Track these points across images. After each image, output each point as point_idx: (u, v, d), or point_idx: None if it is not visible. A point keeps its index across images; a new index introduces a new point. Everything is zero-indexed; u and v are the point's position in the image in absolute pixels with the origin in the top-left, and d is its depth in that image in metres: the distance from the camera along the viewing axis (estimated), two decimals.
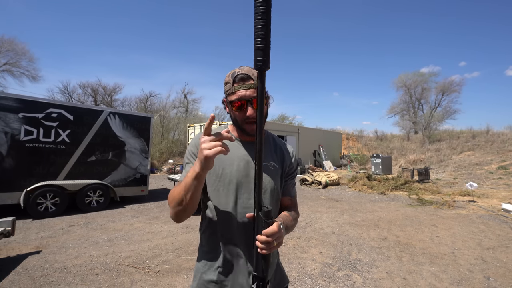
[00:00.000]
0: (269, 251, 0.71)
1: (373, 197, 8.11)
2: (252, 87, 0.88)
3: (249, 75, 0.89)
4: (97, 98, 28.73)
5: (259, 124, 0.69)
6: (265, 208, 0.71)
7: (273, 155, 1.03)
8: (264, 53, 0.63)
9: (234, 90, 0.89)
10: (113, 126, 6.37)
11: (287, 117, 30.76)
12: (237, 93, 0.89)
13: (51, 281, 2.76)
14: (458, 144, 18.21)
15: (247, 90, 0.88)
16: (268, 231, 0.71)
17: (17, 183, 5.09)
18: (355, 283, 2.82)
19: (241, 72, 0.89)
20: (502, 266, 3.26)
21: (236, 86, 0.89)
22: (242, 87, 0.88)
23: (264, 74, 0.66)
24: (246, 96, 0.88)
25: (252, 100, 0.88)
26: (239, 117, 0.92)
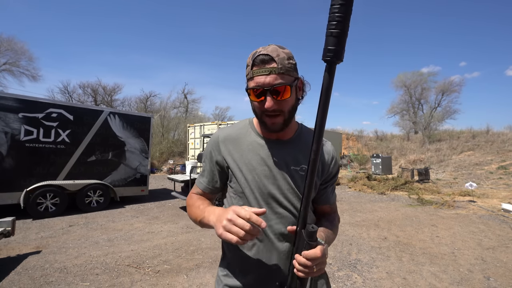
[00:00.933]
0: (307, 276, 0.63)
1: (373, 197, 8.11)
2: (273, 71, 0.72)
3: (271, 56, 0.72)
4: (97, 98, 28.73)
5: (318, 128, 0.56)
6: (310, 228, 0.61)
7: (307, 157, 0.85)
8: (338, 41, 0.50)
9: (252, 75, 0.74)
10: (113, 126, 6.37)
11: None
12: (255, 79, 0.74)
13: (51, 281, 2.76)
14: (458, 144, 18.21)
15: (267, 76, 0.72)
16: (309, 254, 0.61)
17: (17, 183, 5.09)
18: (355, 283, 2.82)
19: (263, 52, 0.73)
20: (502, 266, 3.26)
21: (255, 70, 0.73)
22: (262, 71, 0.72)
23: (335, 68, 0.53)
24: (265, 84, 0.72)
25: (272, 89, 0.73)
26: (258, 108, 0.78)
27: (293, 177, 0.82)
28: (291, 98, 0.77)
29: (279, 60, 0.72)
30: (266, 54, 0.72)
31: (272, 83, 0.72)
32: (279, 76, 0.72)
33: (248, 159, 0.83)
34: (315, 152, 0.58)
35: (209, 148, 0.90)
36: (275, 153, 0.84)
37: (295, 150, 0.85)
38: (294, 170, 0.83)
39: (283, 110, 0.76)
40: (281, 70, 0.72)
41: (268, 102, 0.74)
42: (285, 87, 0.73)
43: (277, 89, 0.73)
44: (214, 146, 0.89)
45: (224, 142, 0.87)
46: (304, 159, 0.84)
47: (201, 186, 0.92)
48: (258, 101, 0.75)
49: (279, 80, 0.72)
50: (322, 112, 0.55)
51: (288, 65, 0.74)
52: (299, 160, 0.84)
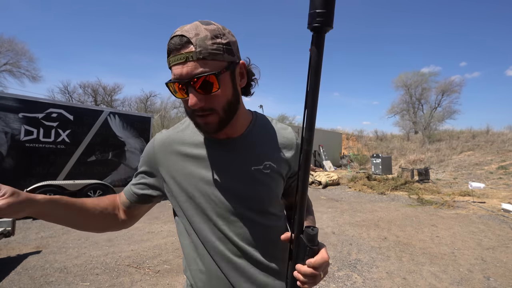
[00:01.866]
0: (313, 285, 0.54)
1: (373, 197, 8.11)
2: (190, 58, 0.54)
3: (188, 37, 0.54)
4: (97, 98, 28.74)
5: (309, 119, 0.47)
6: (311, 231, 0.53)
7: (269, 151, 0.71)
8: (325, 3, 0.41)
9: (170, 65, 0.58)
10: (113, 126, 6.37)
11: (287, 117, 30.85)
12: (173, 70, 0.57)
13: (51, 281, 2.76)
14: (458, 144, 18.20)
15: (184, 65, 0.55)
16: (317, 260, 0.52)
17: (17, 183, 5.09)
18: (355, 283, 2.82)
19: (178, 32, 0.56)
20: (502, 266, 3.26)
21: (171, 58, 0.57)
22: (177, 59, 0.55)
23: (324, 37, 0.44)
24: (182, 76, 0.55)
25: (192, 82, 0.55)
26: (185, 106, 0.61)
27: (255, 179, 0.67)
28: (224, 90, 0.59)
29: (197, 41, 0.54)
30: (180, 35, 0.55)
31: (191, 74, 0.55)
32: (200, 63, 0.54)
33: (191, 165, 0.67)
34: (308, 142, 0.48)
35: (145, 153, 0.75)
36: (231, 154, 0.67)
37: (253, 147, 0.69)
38: (256, 170, 0.67)
39: (214, 107, 0.59)
40: (201, 55, 0.54)
41: (190, 99, 0.56)
42: (209, 77, 0.55)
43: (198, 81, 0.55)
44: (148, 151, 0.73)
45: (158, 147, 0.71)
46: (266, 154, 0.70)
47: (127, 193, 0.75)
48: (184, 98, 0.59)
49: (199, 69, 0.54)
50: (312, 93, 0.46)
51: (213, 46, 0.55)
52: (260, 157, 0.69)
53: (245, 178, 0.67)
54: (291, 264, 0.56)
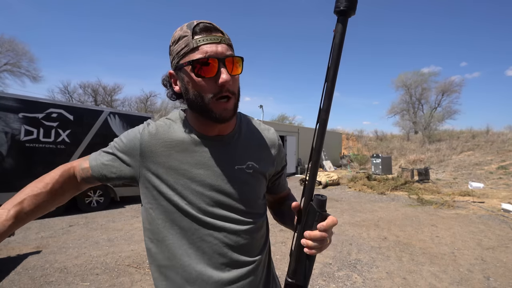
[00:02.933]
0: (320, 251, 0.56)
1: (373, 197, 8.11)
2: (223, 41, 0.59)
3: (215, 25, 0.60)
4: (97, 98, 28.73)
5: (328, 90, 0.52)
6: (320, 197, 0.55)
7: (255, 152, 0.72)
8: None
9: (197, 44, 0.57)
10: (113, 126, 6.37)
11: (287, 117, 30.83)
12: (202, 48, 0.57)
13: (51, 281, 2.76)
14: (458, 144, 18.20)
15: (218, 45, 0.58)
16: (328, 223, 0.54)
17: (17, 183, 5.09)
18: (355, 283, 2.82)
19: (203, 21, 0.59)
20: (502, 266, 3.26)
21: (200, 38, 0.57)
22: (210, 38, 0.57)
23: (347, 20, 0.50)
24: (218, 53, 0.57)
25: (225, 61, 0.58)
26: (206, 89, 0.59)
27: (239, 179, 0.68)
28: (239, 78, 0.64)
29: (223, 31, 0.61)
30: (209, 23, 0.59)
31: (225, 53, 0.58)
32: (229, 48, 0.60)
33: (181, 164, 0.65)
34: (325, 111, 0.53)
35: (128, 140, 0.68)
36: (218, 152, 0.67)
37: (239, 146, 0.70)
38: (239, 169, 0.68)
39: (235, 91, 0.62)
40: (229, 41, 0.61)
41: (224, 75, 0.57)
42: (239, 59, 0.61)
43: (231, 61, 0.59)
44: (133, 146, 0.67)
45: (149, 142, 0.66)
46: (249, 154, 0.71)
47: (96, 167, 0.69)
48: (207, 78, 0.58)
49: (229, 52, 0.60)
50: (334, 69, 0.51)
51: (230, 40, 0.63)
52: (243, 156, 0.70)
53: (229, 176, 0.67)
54: (299, 231, 0.57)
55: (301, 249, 0.56)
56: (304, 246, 0.55)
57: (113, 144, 0.71)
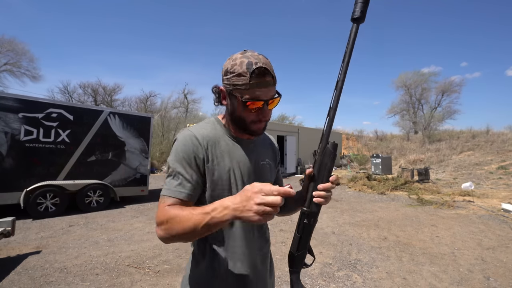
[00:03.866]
0: (327, 202, 0.72)
1: (373, 197, 8.11)
2: (271, 84, 0.76)
3: (268, 69, 0.75)
4: (97, 98, 28.74)
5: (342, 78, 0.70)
6: (333, 142, 0.72)
7: (267, 152, 0.97)
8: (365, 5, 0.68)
9: (251, 87, 0.74)
10: (113, 126, 6.36)
11: (287, 117, 30.81)
12: (255, 91, 0.74)
13: (51, 281, 2.76)
14: (458, 144, 18.21)
15: (267, 90, 0.75)
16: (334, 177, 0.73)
17: (17, 183, 5.09)
18: (355, 283, 2.82)
19: (260, 64, 0.73)
20: (502, 266, 3.26)
21: (255, 83, 0.73)
22: (263, 84, 0.74)
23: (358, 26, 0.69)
24: (267, 97, 0.76)
25: (269, 102, 0.77)
26: (250, 116, 0.79)
27: (264, 171, 0.92)
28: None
29: (272, 72, 0.76)
30: (264, 67, 0.74)
31: (272, 96, 0.77)
32: (274, 88, 0.78)
33: (230, 160, 0.84)
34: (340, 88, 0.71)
35: (186, 149, 0.79)
36: (250, 151, 0.89)
37: (259, 147, 0.94)
38: (262, 164, 0.92)
39: (269, 118, 0.83)
40: (275, 83, 0.78)
41: (267, 113, 0.79)
42: (278, 98, 0.80)
43: (273, 101, 0.79)
44: (193, 147, 0.79)
45: (203, 143, 0.81)
46: (265, 153, 0.96)
47: (181, 194, 0.76)
48: (254, 111, 0.78)
49: (274, 92, 0.78)
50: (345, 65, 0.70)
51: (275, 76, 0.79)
52: (263, 155, 0.94)
53: (257, 168, 0.90)
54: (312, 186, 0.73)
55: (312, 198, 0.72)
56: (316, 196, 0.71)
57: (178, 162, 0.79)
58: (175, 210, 0.71)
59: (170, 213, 0.70)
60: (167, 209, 0.72)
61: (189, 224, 0.66)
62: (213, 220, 0.63)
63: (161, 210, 0.73)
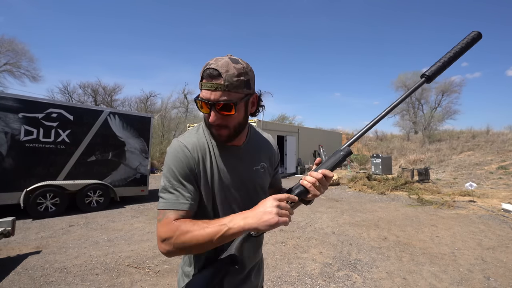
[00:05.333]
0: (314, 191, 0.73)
1: (373, 197, 8.11)
2: (219, 88, 0.72)
3: (220, 72, 0.72)
4: (97, 98, 28.74)
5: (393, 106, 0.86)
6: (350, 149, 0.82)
7: (262, 155, 0.95)
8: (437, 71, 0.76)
9: (201, 88, 0.76)
10: (113, 126, 6.37)
11: (287, 117, 30.78)
12: (203, 92, 0.75)
13: (51, 281, 2.76)
14: (458, 144, 18.20)
15: (213, 92, 0.73)
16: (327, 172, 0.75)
17: (17, 183, 5.09)
18: (355, 283, 2.82)
19: (213, 66, 0.73)
20: (502, 266, 3.26)
21: (203, 84, 0.74)
22: (209, 86, 0.73)
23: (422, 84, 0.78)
24: (210, 99, 0.74)
25: (215, 105, 0.74)
26: (205, 118, 0.81)
27: (257, 176, 0.91)
28: (238, 115, 0.79)
29: (227, 76, 0.72)
30: (215, 69, 0.72)
31: (217, 99, 0.73)
32: (225, 94, 0.73)
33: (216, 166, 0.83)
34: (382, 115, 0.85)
35: (178, 161, 0.79)
36: (240, 157, 0.88)
37: (252, 151, 0.92)
38: (256, 169, 0.91)
39: (228, 125, 0.79)
40: (227, 88, 0.73)
41: (211, 117, 0.76)
42: (229, 104, 0.74)
43: (221, 105, 0.74)
44: (185, 158, 0.79)
45: (194, 153, 0.81)
46: (260, 156, 0.94)
47: (184, 206, 0.76)
48: (206, 113, 0.78)
49: (224, 97, 0.73)
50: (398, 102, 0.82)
51: (237, 82, 0.74)
52: (256, 158, 0.92)
53: (249, 174, 0.89)
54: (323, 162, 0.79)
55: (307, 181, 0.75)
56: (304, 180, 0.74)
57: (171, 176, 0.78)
58: (186, 224, 0.71)
59: (181, 227, 0.70)
60: (176, 224, 0.71)
61: (203, 237, 0.68)
62: (230, 231, 0.67)
63: (166, 225, 0.72)
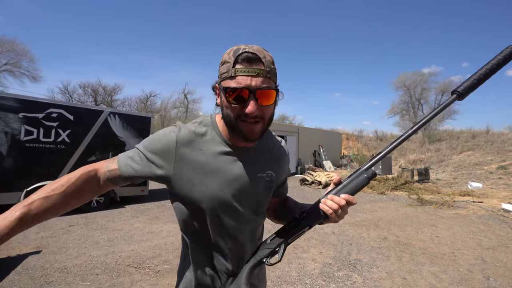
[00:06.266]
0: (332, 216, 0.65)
1: (373, 197, 8.11)
2: (261, 74, 0.64)
3: (259, 56, 0.64)
4: (97, 98, 28.74)
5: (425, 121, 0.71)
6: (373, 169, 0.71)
7: (273, 162, 0.82)
8: (471, 87, 0.68)
9: (235, 74, 0.63)
10: (113, 126, 6.36)
11: (287, 117, 30.83)
12: (238, 79, 0.63)
13: (51, 281, 2.76)
14: (458, 144, 18.20)
15: (254, 78, 0.63)
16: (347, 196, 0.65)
17: (17, 183, 5.09)
18: (355, 283, 2.82)
19: (249, 50, 0.64)
20: (502, 266, 3.26)
21: (239, 69, 0.63)
22: (249, 71, 0.63)
23: (454, 100, 0.69)
24: (251, 86, 0.63)
25: (256, 92, 0.64)
26: (234, 111, 0.66)
27: (260, 185, 0.78)
28: (273, 106, 0.70)
29: (266, 62, 0.65)
30: (253, 53, 0.63)
31: (259, 86, 0.64)
32: (265, 80, 0.65)
33: (211, 169, 0.72)
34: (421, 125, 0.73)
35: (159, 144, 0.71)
36: (247, 162, 0.75)
37: (261, 157, 0.79)
38: (260, 177, 0.78)
39: (265, 116, 0.69)
40: (269, 74, 0.65)
41: (251, 106, 0.64)
42: (272, 91, 0.66)
43: (263, 93, 0.65)
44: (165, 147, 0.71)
45: (182, 147, 0.71)
46: (268, 164, 0.80)
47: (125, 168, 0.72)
48: (236, 103, 0.65)
49: (265, 84, 0.65)
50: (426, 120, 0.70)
51: (274, 69, 0.68)
52: (264, 166, 0.79)
53: (252, 181, 0.76)
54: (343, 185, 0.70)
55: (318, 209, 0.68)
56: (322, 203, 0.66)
57: (143, 146, 0.73)
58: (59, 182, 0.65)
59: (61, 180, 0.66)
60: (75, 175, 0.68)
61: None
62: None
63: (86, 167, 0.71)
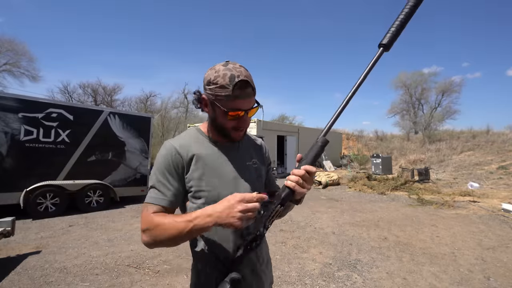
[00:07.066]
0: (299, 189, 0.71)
1: (373, 197, 8.11)
2: (251, 95, 0.82)
3: (248, 81, 0.80)
4: (97, 98, 28.72)
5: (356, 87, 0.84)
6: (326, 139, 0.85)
7: (253, 152, 1.00)
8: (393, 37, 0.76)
9: (234, 98, 0.79)
10: (113, 126, 6.36)
11: (287, 117, 30.84)
12: (237, 102, 0.79)
13: (51, 281, 2.76)
14: (458, 144, 18.19)
15: (247, 100, 0.81)
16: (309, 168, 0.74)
17: (17, 183, 5.09)
18: (355, 283, 2.82)
19: (242, 77, 0.78)
20: (502, 266, 3.26)
21: (237, 94, 0.78)
22: (244, 96, 0.79)
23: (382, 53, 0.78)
24: (247, 108, 0.82)
25: (249, 111, 0.83)
26: (231, 124, 0.84)
27: (251, 171, 0.95)
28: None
29: (251, 83, 0.81)
30: (245, 80, 0.79)
31: (251, 106, 0.83)
32: (254, 99, 0.84)
33: (211, 166, 0.87)
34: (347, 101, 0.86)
35: (166, 160, 0.84)
36: (234, 154, 0.93)
37: (244, 149, 0.98)
38: (249, 165, 0.95)
39: (248, 126, 0.90)
40: (255, 93, 0.84)
41: (246, 122, 0.86)
42: (257, 107, 0.86)
43: (252, 110, 0.84)
44: (172, 157, 0.84)
45: (183, 153, 0.85)
46: (251, 153, 0.99)
47: (163, 202, 0.81)
48: (233, 119, 0.83)
49: (253, 103, 0.84)
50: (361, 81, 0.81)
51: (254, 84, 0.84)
52: (249, 155, 0.98)
53: (244, 169, 0.93)
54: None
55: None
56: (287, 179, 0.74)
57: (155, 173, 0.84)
58: (159, 217, 0.76)
59: (154, 220, 0.75)
60: (152, 216, 0.77)
61: (173, 231, 0.72)
62: (196, 227, 0.70)
63: (145, 217, 0.78)
